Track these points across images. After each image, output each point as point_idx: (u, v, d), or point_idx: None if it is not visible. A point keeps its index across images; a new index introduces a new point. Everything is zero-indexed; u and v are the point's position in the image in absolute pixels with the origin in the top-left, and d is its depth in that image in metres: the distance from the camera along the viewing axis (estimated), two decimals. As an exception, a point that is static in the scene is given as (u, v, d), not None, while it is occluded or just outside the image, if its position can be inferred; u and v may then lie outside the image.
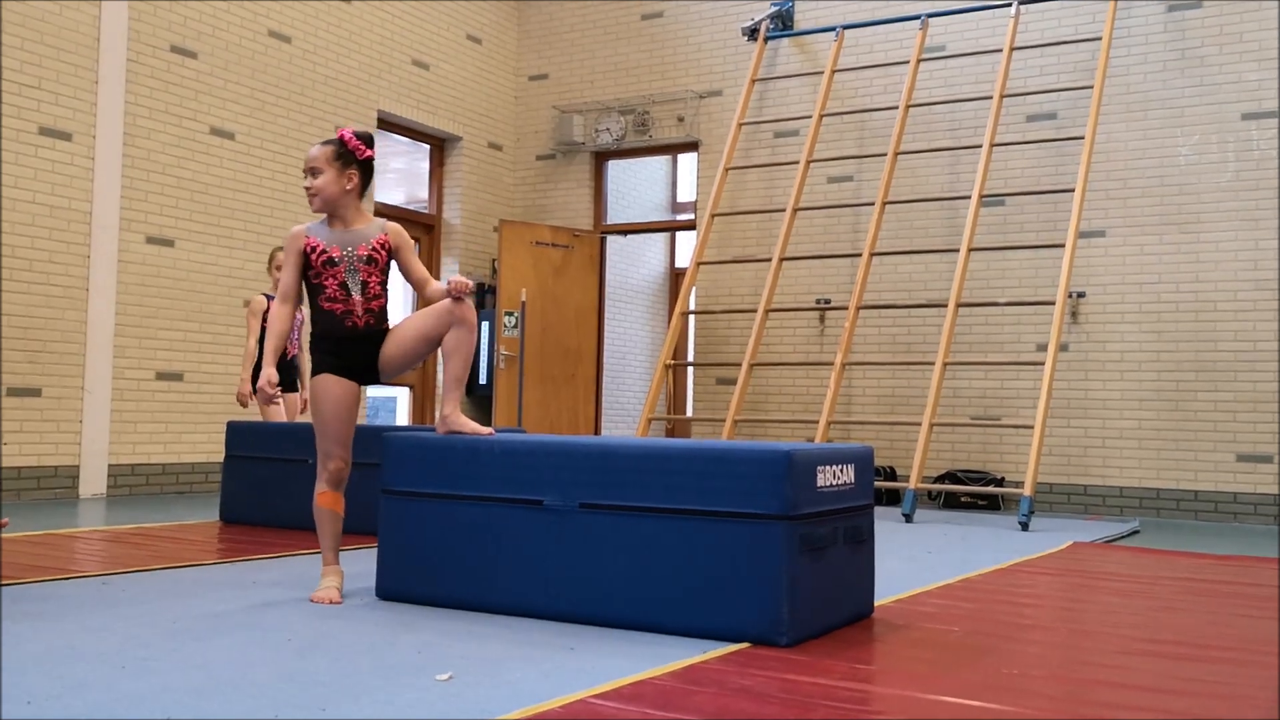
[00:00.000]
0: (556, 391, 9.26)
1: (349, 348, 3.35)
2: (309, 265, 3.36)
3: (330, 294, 3.34)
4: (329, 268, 3.34)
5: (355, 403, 3.37)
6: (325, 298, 3.34)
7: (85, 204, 6.57)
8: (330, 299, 3.34)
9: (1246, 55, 7.20)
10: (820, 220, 8.40)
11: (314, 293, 3.37)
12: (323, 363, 3.34)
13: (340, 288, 3.34)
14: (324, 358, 3.34)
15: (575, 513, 2.97)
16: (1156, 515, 7.20)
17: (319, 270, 3.34)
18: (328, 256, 3.34)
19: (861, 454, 3.10)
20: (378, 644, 2.65)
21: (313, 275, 3.35)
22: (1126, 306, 7.42)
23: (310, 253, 3.35)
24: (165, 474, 6.98)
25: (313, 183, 3.34)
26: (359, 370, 3.37)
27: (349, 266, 3.36)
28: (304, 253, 3.35)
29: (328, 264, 3.34)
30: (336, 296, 3.34)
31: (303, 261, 3.36)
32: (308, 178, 3.36)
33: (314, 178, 3.34)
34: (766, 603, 2.69)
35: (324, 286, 3.34)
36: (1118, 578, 4.20)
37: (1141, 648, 2.84)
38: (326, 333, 3.35)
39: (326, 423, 3.32)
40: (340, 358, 3.34)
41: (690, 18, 9.20)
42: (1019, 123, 7.81)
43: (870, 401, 8.21)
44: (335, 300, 3.34)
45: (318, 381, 3.34)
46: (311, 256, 3.35)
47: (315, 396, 3.34)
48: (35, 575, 3.52)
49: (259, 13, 7.65)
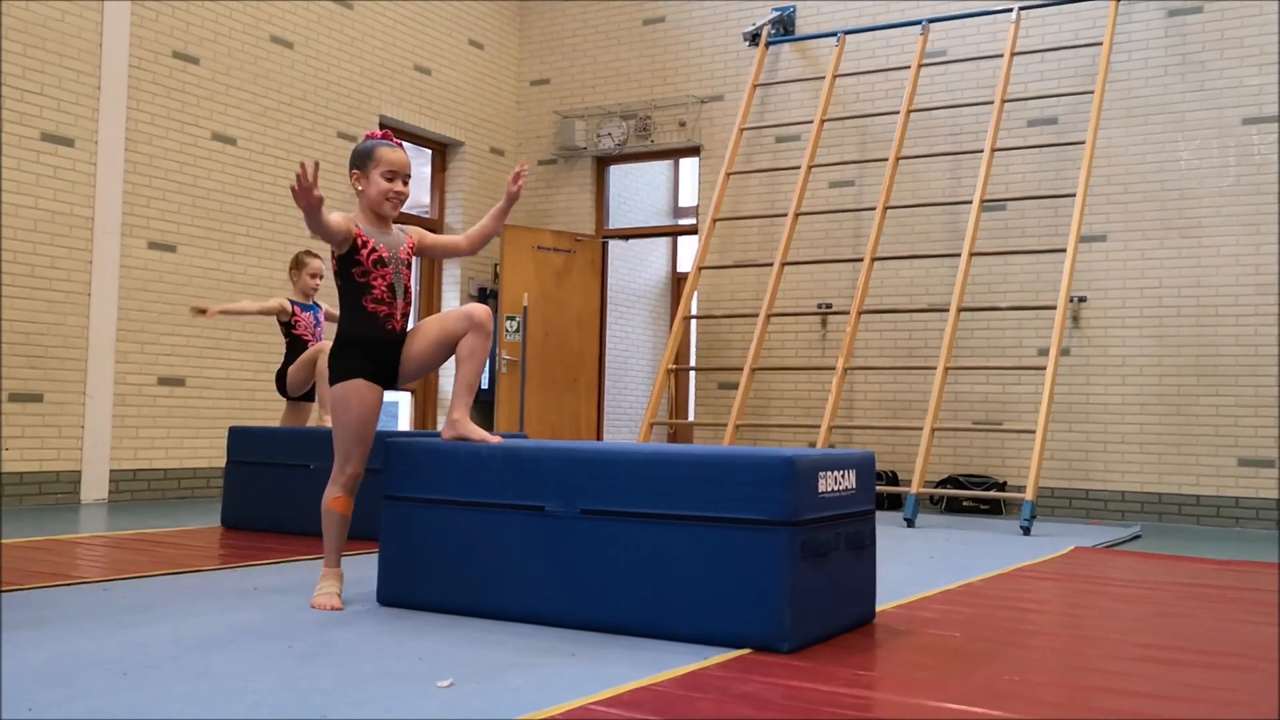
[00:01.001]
0: (559, 396, 9.27)
1: (384, 351, 3.31)
2: (355, 261, 3.25)
3: (378, 295, 3.27)
4: (380, 267, 3.27)
5: (380, 408, 3.33)
6: (372, 299, 3.27)
7: (87, 209, 6.58)
8: (377, 300, 3.27)
9: (1247, 60, 7.20)
10: (822, 225, 8.41)
11: (359, 292, 3.27)
12: (357, 367, 3.26)
13: (389, 289, 3.29)
14: (358, 361, 3.26)
15: (577, 519, 2.97)
16: (1158, 520, 7.20)
17: (368, 269, 3.25)
18: (379, 255, 3.28)
19: (863, 459, 3.10)
20: (379, 651, 2.65)
21: (358, 273, 3.25)
22: (1128, 311, 7.42)
23: (361, 247, 3.26)
24: (167, 479, 6.98)
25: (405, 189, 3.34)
26: (387, 375, 3.33)
27: (396, 268, 3.32)
28: (353, 243, 3.24)
29: (379, 263, 3.27)
30: (384, 298, 3.28)
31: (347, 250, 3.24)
32: (401, 183, 3.32)
33: (405, 184, 3.34)
34: (768, 609, 2.69)
35: (372, 286, 3.26)
36: (1119, 583, 4.19)
37: (1143, 653, 2.84)
38: (366, 336, 3.27)
39: (354, 427, 3.25)
40: (374, 362, 3.29)
41: (692, 23, 9.21)
42: (1020, 127, 7.82)
43: (872, 406, 8.21)
44: (382, 302, 3.28)
45: (351, 386, 3.25)
46: (363, 252, 3.26)
47: (345, 400, 3.25)
48: (36, 581, 3.52)
49: (261, 18, 7.66)
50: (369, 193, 3.32)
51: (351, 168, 3.36)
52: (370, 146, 3.34)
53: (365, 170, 3.32)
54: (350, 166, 3.38)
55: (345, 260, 3.27)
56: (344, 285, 3.31)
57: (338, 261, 3.30)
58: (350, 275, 3.28)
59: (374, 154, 3.32)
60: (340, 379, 3.28)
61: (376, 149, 3.33)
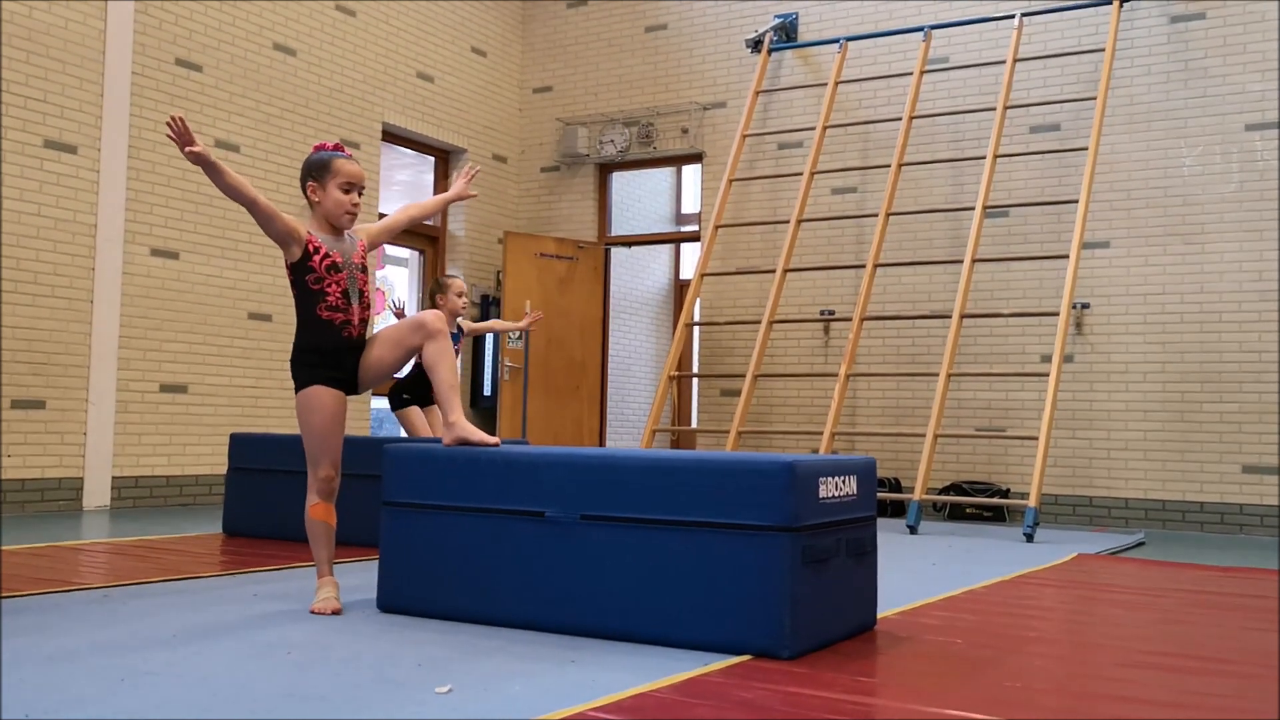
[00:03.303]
0: (561, 403, 9.26)
1: (342, 358, 3.33)
2: (308, 268, 3.27)
3: (333, 302, 3.29)
4: (333, 273, 3.29)
5: (344, 413, 3.35)
6: (327, 306, 3.29)
7: (90, 217, 6.59)
8: (332, 308, 3.29)
9: (1249, 66, 7.19)
10: (824, 231, 8.40)
11: (312, 300, 3.29)
12: (314, 374, 3.29)
13: (343, 295, 3.31)
14: (315, 370, 3.29)
15: (577, 524, 2.96)
16: (1162, 527, 7.17)
17: (321, 275, 3.27)
18: (332, 261, 3.30)
19: (864, 465, 3.09)
20: (378, 657, 2.64)
21: (312, 280, 3.27)
22: (1131, 317, 7.40)
23: (314, 253, 3.28)
24: (169, 486, 6.98)
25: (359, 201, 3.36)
26: (347, 381, 3.35)
27: (350, 274, 3.34)
28: (304, 249, 3.27)
29: (332, 269, 3.29)
30: (339, 305, 3.30)
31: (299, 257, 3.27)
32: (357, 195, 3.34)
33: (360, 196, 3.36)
34: (768, 615, 2.68)
35: (326, 293, 3.28)
36: (1123, 590, 4.18)
37: (1146, 661, 2.82)
38: (321, 344, 3.30)
39: (320, 434, 3.28)
40: (332, 369, 3.31)
41: (694, 30, 9.22)
42: (1022, 134, 7.81)
43: (875, 413, 8.20)
44: (337, 310, 3.30)
45: (311, 393, 3.28)
46: (315, 258, 3.27)
47: (308, 407, 3.28)
48: (37, 588, 3.51)
49: (264, 26, 7.68)
50: (325, 205, 3.34)
51: (306, 179, 3.37)
52: (327, 159, 3.35)
53: (322, 182, 3.34)
54: (304, 178, 3.37)
55: (298, 267, 3.29)
56: (298, 294, 3.32)
57: (291, 269, 3.31)
58: (304, 283, 3.29)
59: (331, 166, 3.34)
60: (301, 386, 3.30)
61: (334, 161, 3.34)
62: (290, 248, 3.27)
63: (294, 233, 3.26)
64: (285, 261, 3.32)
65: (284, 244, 3.28)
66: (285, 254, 3.30)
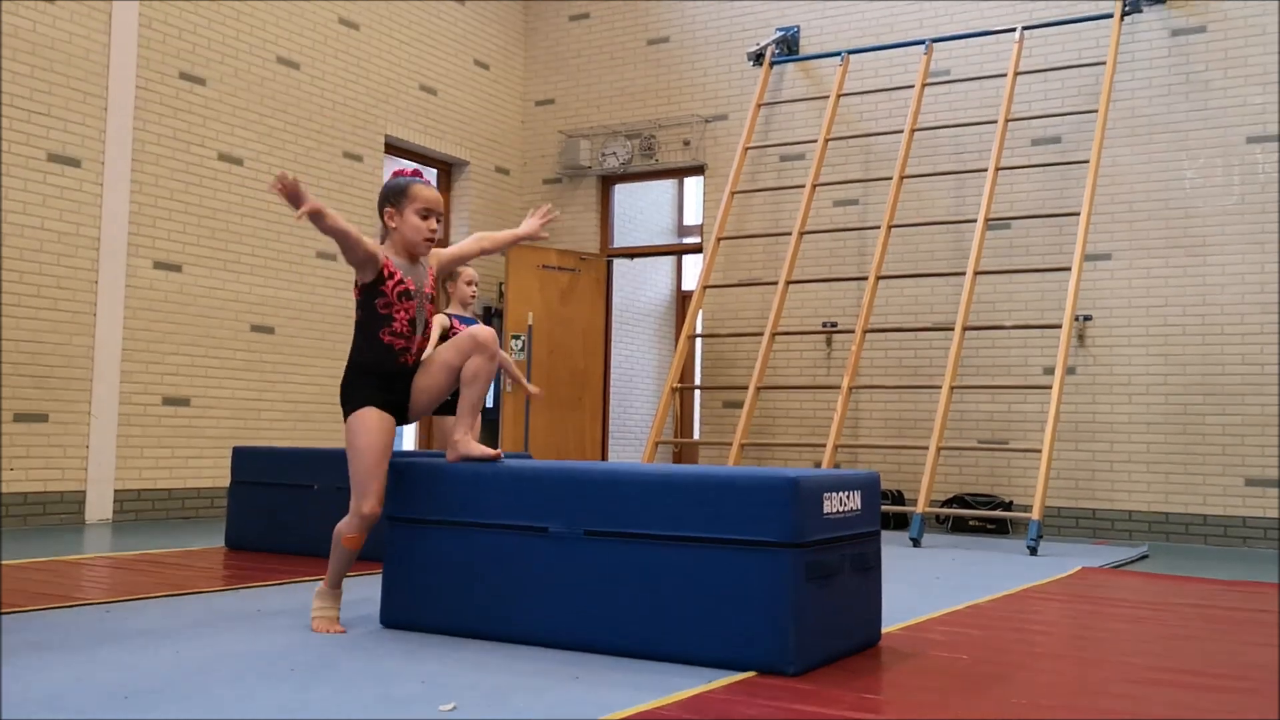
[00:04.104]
0: (563, 415, 9.26)
1: (397, 384, 3.27)
2: (379, 292, 3.21)
3: (398, 329, 3.24)
4: (404, 300, 3.24)
5: (393, 441, 3.27)
6: (391, 332, 3.23)
7: (93, 230, 6.60)
8: (395, 334, 3.23)
9: (1250, 79, 7.21)
10: (826, 244, 8.41)
11: (378, 324, 3.22)
12: (369, 397, 3.21)
13: (409, 324, 3.26)
14: (371, 392, 3.21)
15: (580, 540, 2.96)
16: (1165, 539, 7.16)
17: (392, 300, 3.22)
18: (405, 288, 3.25)
19: (868, 480, 3.09)
20: (382, 674, 2.64)
21: (381, 304, 3.21)
22: (1133, 330, 7.40)
23: (389, 278, 3.23)
24: (171, 499, 6.98)
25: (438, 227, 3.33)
26: (400, 407, 3.29)
27: (420, 303, 3.29)
28: (380, 273, 3.22)
29: (404, 296, 3.24)
30: (403, 332, 3.25)
31: (372, 280, 3.21)
32: (435, 221, 3.30)
33: (439, 222, 3.33)
34: (773, 631, 2.68)
35: (394, 319, 3.22)
36: (1127, 604, 4.17)
37: (1151, 677, 2.82)
38: (377, 367, 3.23)
39: (370, 460, 3.18)
40: (387, 393, 3.25)
41: (696, 43, 9.24)
42: (1024, 146, 7.82)
43: (877, 425, 8.19)
44: (400, 336, 3.24)
45: (363, 415, 3.19)
46: (389, 283, 3.22)
47: (360, 430, 3.18)
48: (39, 603, 3.51)
49: (267, 39, 7.70)
50: (403, 231, 3.28)
51: (384, 205, 3.31)
52: (405, 184, 3.31)
53: (399, 207, 3.28)
54: (382, 204, 3.31)
55: (369, 290, 3.23)
56: (364, 315, 3.25)
57: (361, 290, 3.25)
58: (373, 306, 3.23)
59: (409, 191, 3.29)
60: (353, 409, 3.22)
61: (411, 186, 3.29)
62: (365, 270, 3.22)
63: (374, 258, 3.20)
64: (356, 281, 3.27)
65: (360, 267, 3.23)
66: (359, 275, 3.24)
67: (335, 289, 8.09)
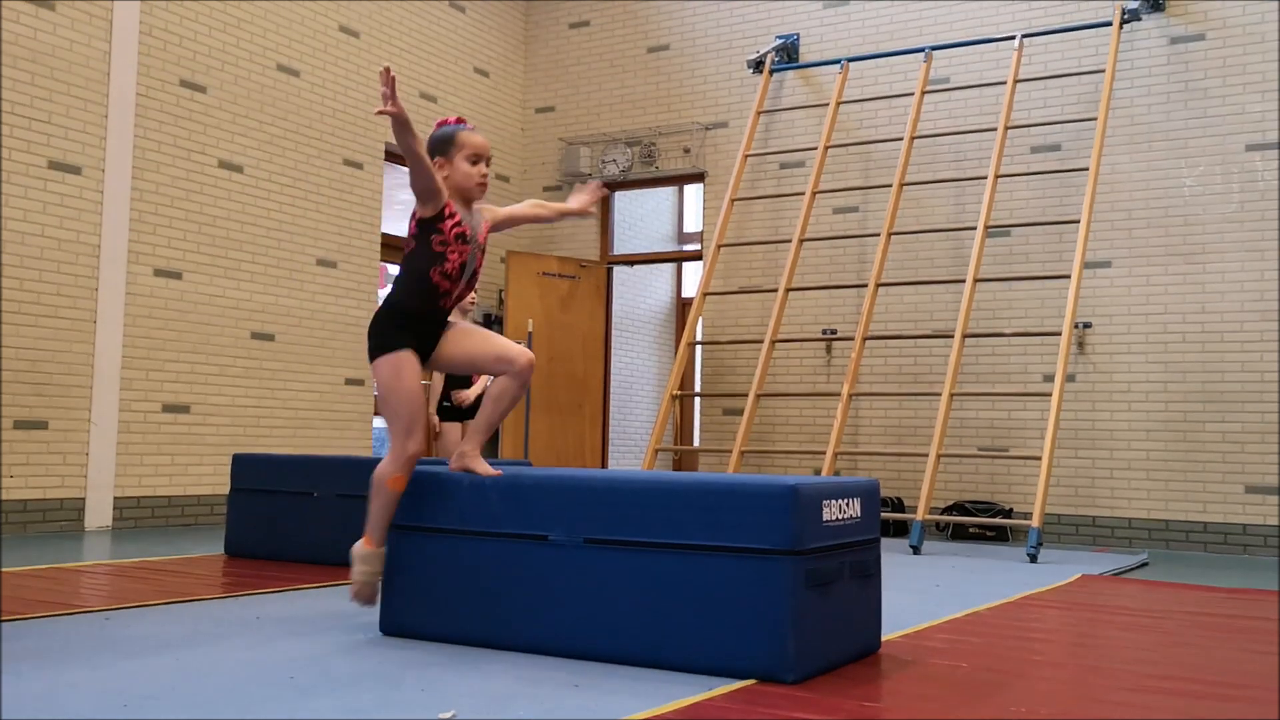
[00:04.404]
0: (564, 422, 9.26)
1: (430, 327, 3.27)
2: (437, 229, 3.19)
3: (449, 269, 3.22)
4: (460, 243, 3.23)
5: None
6: (441, 271, 3.21)
7: (94, 237, 6.60)
8: (445, 274, 3.21)
9: (1249, 87, 7.22)
10: (826, 251, 8.42)
11: (430, 261, 3.20)
12: (402, 337, 3.19)
13: (460, 268, 3.25)
14: (404, 333, 3.20)
15: (580, 548, 2.96)
16: (1165, 547, 7.16)
17: (449, 240, 3.20)
18: (462, 231, 3.24)
19: (867, 487, 3.09)
20: (381, 681, 2.64)
21: (437, 242, 3.19)
22: (1133, 337, 7.41)
23: (449, 217, 3.21)
24: (171, 506, 6.98)
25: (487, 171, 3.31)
26: (426, 352, 3.28)
27: (473, 250, 3.28)
28: (440, 211, 3.20)
29: (460, 238, 3.23)
30: (452, 274, 3.23)
31: (432, 215, 3.19)
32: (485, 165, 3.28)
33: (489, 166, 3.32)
34: (773, 639, 2.67)
35: (447, 259, 3.20)
36: (1127, 612, 4.17)
37: (1151, 685, 2.81)
38: (418, 308, 3.22)
39: (411, 396, 3.16)
40: (419, 335, 3.24)
41: (696, 50, 9.26)
42: (1023, 154, 7.83)
43: (877, 432, 8.19)
44: (448, 277, 3.23)
45: (399, 356, 3.17)
46: (447, 222, 3.21)
47: (395, 371, 3.16)
48: (38, 611, 3.51)
49: (268, 47, 7.71)
50: (455, 178, 3.27)
51: (433, 155, 3.28)
52: (452, 132, 3.30)
53: (449, 156, 3.27)
54: (431, 154, 3.28)
55: (426, 225, 3.21)
56: (417, 249, 3.22)
57: (418, 225, 3.22)
58: (428, 241, 3.20)
59: (456, 139, 3.28)
60: (388, 349, 3.19)
61: (458, 134, 3.29)
62: (428, 203, 3.20)
63: (441, 192, 3.18)
64: (414, 214, 3.23)
65: (424, 198, 3.19)
66: (420, 208, 3.21)
67: (335, 296, 8.10)
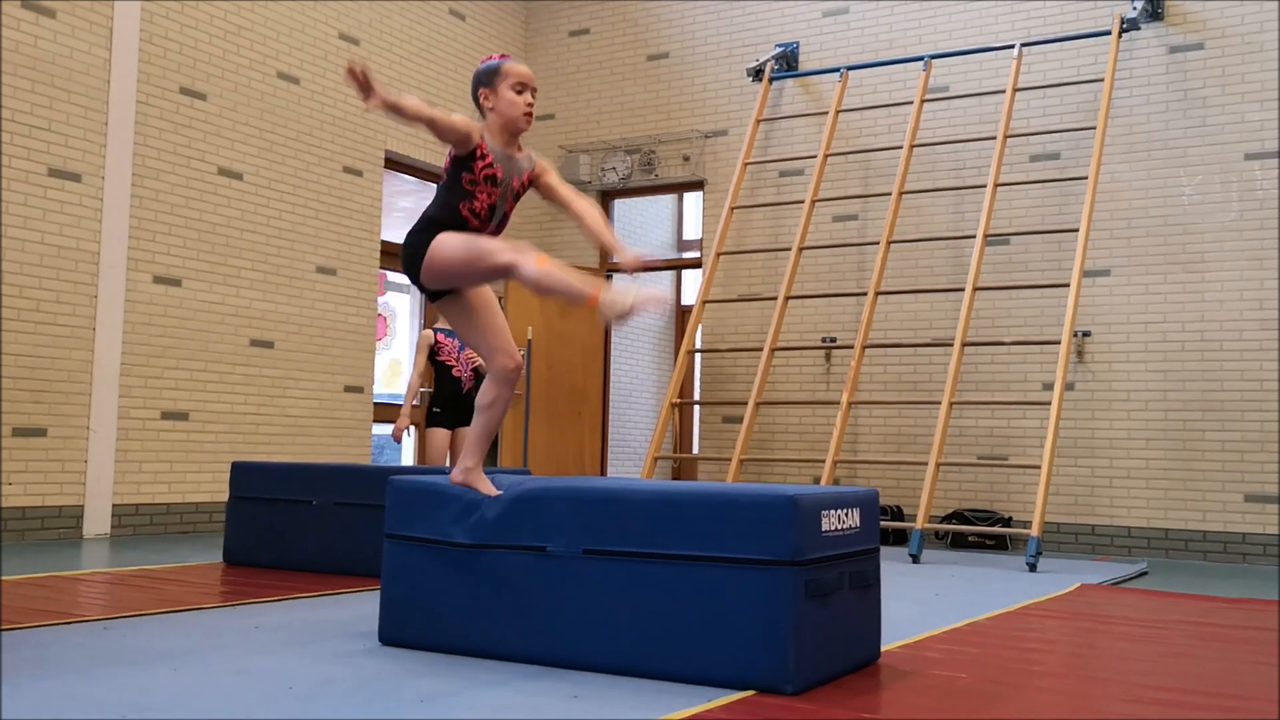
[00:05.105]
0: (563, 429, 9.25)
1: None
2: (468, 168, 3.18)
3: (477, 208, 3.21)
4: (489, 184, 3.21)
5: None
6: (470, 209, 3.20)
7: (93, 244, 6.60)
8: (473, 212, 3.20)
9: (1248, 96, 7.23)
10: (825, 259, 8.42)
11: (459, 195, 3.19)
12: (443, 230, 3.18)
13: (489, 209, 3.23)
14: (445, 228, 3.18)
15: (579, 559, 2.95)
16: (1165, 556, 7.15)
17: (477, 180, 3.18)
18: (493, 174, 3.21)
19: (867, 497, 3.09)
20: (380, 692, 2.63)
21: (467, 180, 3.18)
22: (1132, 346, 7.41)
23: (480, 158, 3.18)
24: (169, 514, 6.97)
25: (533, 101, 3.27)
26: None
27: (504, 193, 3.26)
28: (472, 150, 3.17)
29: (490, 180, 3.21)
30: (480, 213, 3.22)
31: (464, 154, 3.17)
32: (530, 95, 3.25)
33: (534, 97, 3.28)
34: (772, 650, 2.67)
35: (475, 197, 3.19)
36: (1127, 621, 4.16)
37: (1150, 696, 2.81)
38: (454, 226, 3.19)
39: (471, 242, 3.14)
40: None
41: (695, 58, 9.27)
42: (1023, 162, 7.84)
43: (876, 440, 8.19)
44: (476, 215, 3.21)
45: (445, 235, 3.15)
46: (479, 163, 3.18)
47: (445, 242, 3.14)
48: (37, 620, 3.50)
49: (268, 54, 7.72)
50: (500, 107, 3.23)
51: (479, 87, 3.27)
52: (496, 64, 3.28)
53: (493, 86, 3.25)
54: (476, 86, 3.28)
55: (458, 162, 3.19)
56: (449, 182, 3.21)
57: (451, 160, 3.20)
58: (459, 177, 3.19)
59: (501, 69, 3.26)
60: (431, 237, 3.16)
61: (503, 65, 3.27)
62: (460, 148, 3.18)
63: (466, 136, 3.15)
64: (449, 152, 3.21)
65: (456, 146, 3.18)
66: (451, 145, 3.19)
67: (334, 303, 8.10)
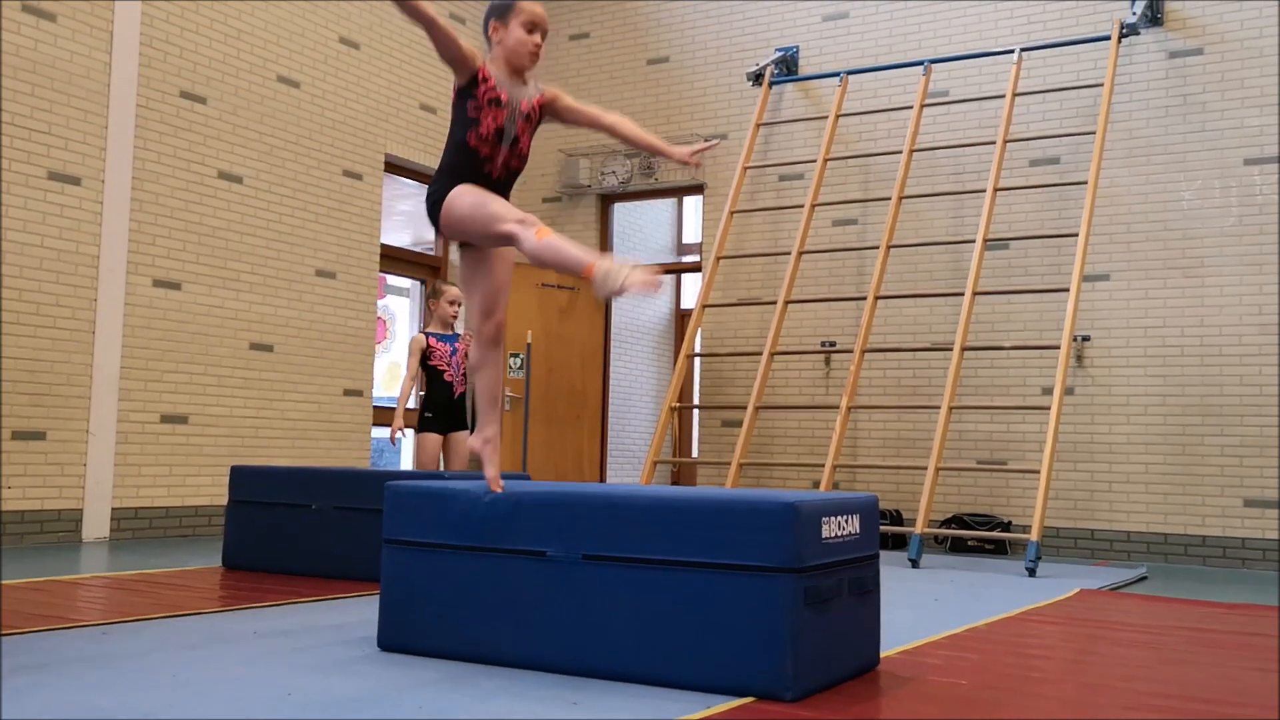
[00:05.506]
0: (562, 433, 9.25)
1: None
2: (471, 95, 3.18)
3: (484, 133, 3.20)
4: (493, 106, 3.20)
5: None
6: (477, 135, 3.19)
7: (93, 248, 6.61)
8: (481, 138, 3.20)
9: (1248, 101, 7.23)
10: (825, 263, 8.43)
11: (465, 125, 3.19)
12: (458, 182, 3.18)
13: (496, 132, 3.22)
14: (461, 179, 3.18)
15: (578, 564, 2.95)
16: (1164, 560, 7.15)
17: (481, 104, 3.18)
18: (496, 96, 3.21)
19: (866, 504, 3.09)
20: (379, 698, 2.63)
21: (471, 108, 3.18)
22: (1132, 350, 7.41)
23: (481, 82, 3.19)
24: (169, 517, 6.97)
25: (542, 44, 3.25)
26: None
27: (511, 115, 3.25)
28: (473, 77, 3.18)
29: (493, 103, 3.20)
30: (488, 137, 3.21)
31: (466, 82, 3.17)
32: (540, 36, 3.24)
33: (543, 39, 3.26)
34: (771, 657, 2.67)
35: (480, 122, 3.19)
36: (1126, 627, 4.16)
37: (1149, 703, 2.81)
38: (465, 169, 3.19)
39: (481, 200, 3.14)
40: None
41: (695, 63, 9.27)
42: (1022, 167, 7.84)
43: (876, 445, 8.19)
44: (485, 141, 3.20)
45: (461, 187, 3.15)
46: (481, 87, 3.18)
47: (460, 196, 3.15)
48: (36, 625, 3.50)
49: (268, 58, 7.73)
50: (507, 43, 3.25)
51: (490, 18, 3.29)
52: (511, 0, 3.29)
53: (505, 20, 3.26)
54: (488, 18, 3.29)
55: (461, 93, 3.20)
56: (455, 120, 3.22)
57: (456, 94, 3.22)
58: (463, 108, 3.20)
59: (515, 5, 3.26)
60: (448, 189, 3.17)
61: (517, 2, 3.27)
62: (458, 72, 3.19)
63: (467, 61, 3.16)
64: (453, 85, 3.23)
65: (454, 68, 3.19)
66: (455, 78, 3.21)
67: (334, 307, 8.10)
